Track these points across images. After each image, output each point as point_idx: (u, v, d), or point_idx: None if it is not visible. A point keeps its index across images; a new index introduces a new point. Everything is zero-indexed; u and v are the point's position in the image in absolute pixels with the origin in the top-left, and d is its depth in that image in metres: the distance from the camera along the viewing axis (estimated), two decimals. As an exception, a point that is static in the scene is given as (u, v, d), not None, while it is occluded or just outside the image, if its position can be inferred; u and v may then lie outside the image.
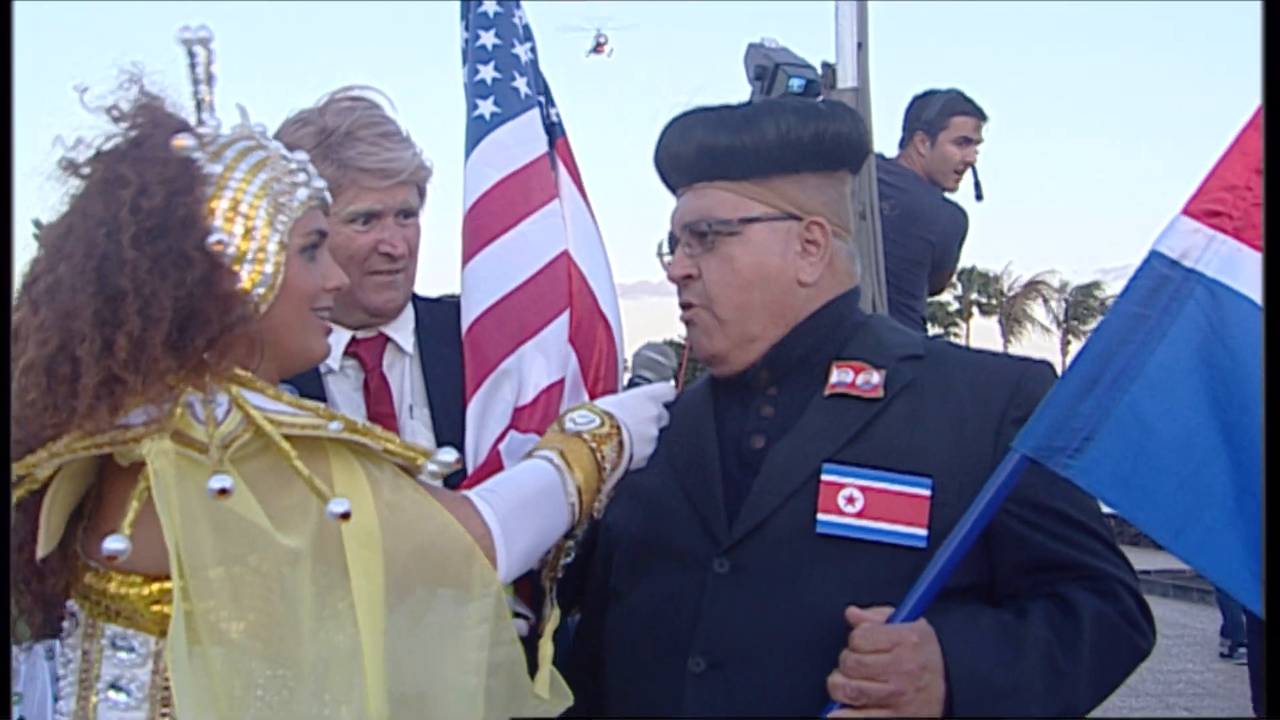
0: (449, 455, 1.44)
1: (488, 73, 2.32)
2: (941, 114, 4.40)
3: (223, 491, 1.25)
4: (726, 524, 1.72)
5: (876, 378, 1.76)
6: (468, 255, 2.23)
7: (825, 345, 1.81)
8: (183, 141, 1.42)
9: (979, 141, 4.47)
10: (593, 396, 2.19)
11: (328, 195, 1.59)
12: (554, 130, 2.37)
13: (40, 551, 1.36)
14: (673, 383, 1.83)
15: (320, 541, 1.32)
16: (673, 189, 1.90)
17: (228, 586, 1.27)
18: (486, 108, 2.29)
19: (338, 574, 1.33)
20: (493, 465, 2.04)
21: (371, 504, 1.36)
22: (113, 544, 1.26)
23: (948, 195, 4.50)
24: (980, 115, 4.47)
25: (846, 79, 3.17)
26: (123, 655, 1.37)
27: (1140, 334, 1.57)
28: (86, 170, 1.41)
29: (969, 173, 4.47)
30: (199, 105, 1.48)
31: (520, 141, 2.29)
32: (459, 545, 1.42)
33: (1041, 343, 52.10)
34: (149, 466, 1.28)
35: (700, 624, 1.68)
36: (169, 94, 1.46)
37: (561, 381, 2.18)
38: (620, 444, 1.69)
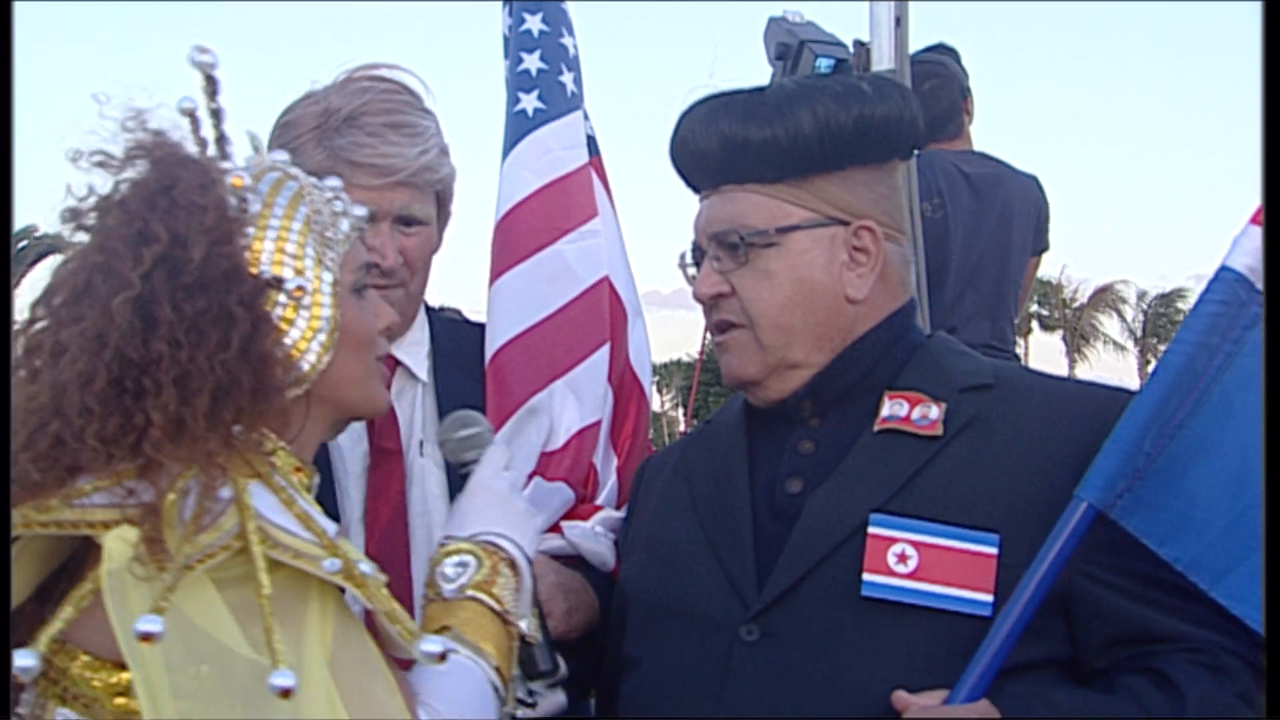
0: (433, 647, 1.40)
1: (532, 63, 2.30)
2: (957, 102, 4.29)
3: (146, 637, 1.22)
4: (756, 584, 1.68)
5: (935, 412, 1.70)
6: (496, 272, 2.21)
7: (877, 372, 1.76)
8: (241, 180, 1.41)
9: None
10: (622, 457, 2.18)
11: (365, 225, 1.58)
12: (591, 144, 2.34)
13: None
14: (499, 446, 1.83)
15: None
16: (694, 188, 1.84)
17: (194, 692, 1.26)
18: (529, 102, 2.27)
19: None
20: None
21: (334, 687, 1.32)
22: (21, 660, 1.24)
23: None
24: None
25: (882, 60, 3.11)
26: None
27: (1211, 366, 1.57)
28: (96, 221, 1.39)
29: None
30: (220, 140, 1.46)
31: (564, 145, 2.26)
32: None
33: (1114, 362, 51.78)
34: (103, 566, 1.26)
35: (724, 702, 1.64)
36: (172, 128, 1.44)
37: (597, 425, 2.16)
38: (512, 565, 1.65)
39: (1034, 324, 53.67)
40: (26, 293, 1.43)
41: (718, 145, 1.74)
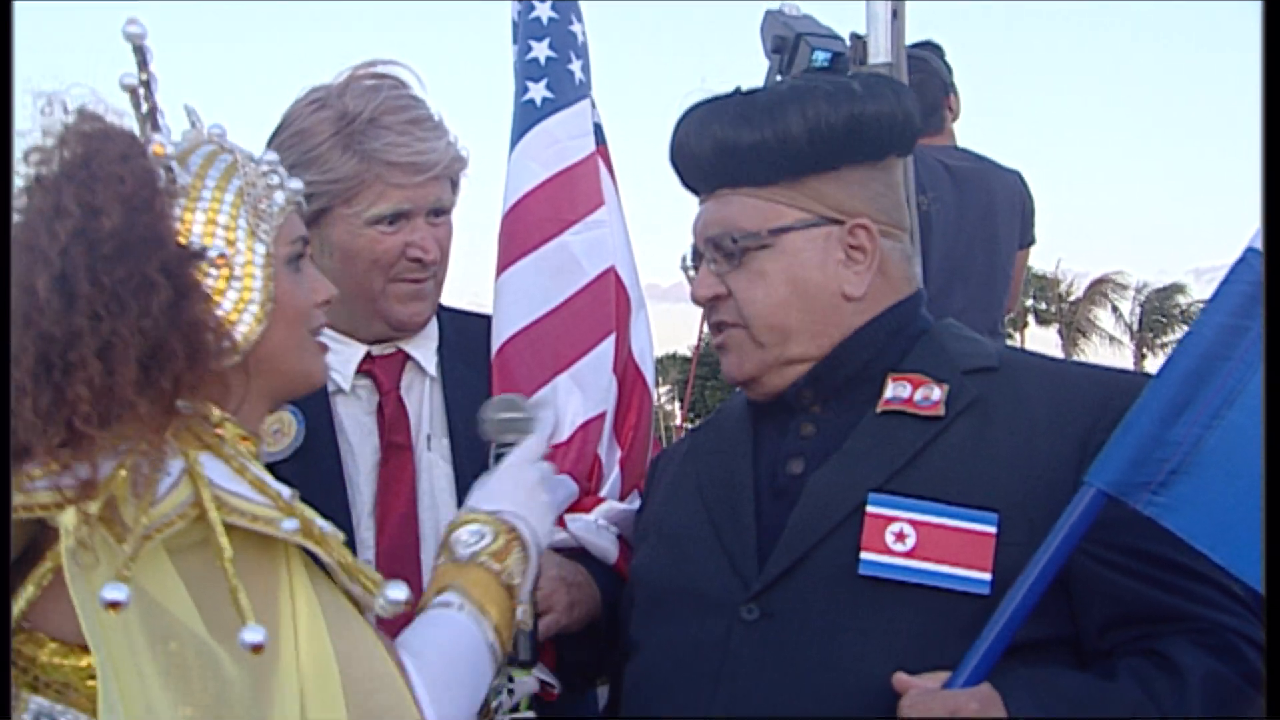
0: (399, 593, 1.44)
1: (541, 51, 2.30)
2: (938, 98, 4.37)
3: (113, 605, 1.23)
4: (757, 564, 1.71)
5: (937, 393, 1.73)
6: (503, 264, 2.24)
7: (880, 359, 1.79)
8: (162, 148, 1.43)
9: None
10: (625, 448, 2.21)
11: (303, 200, 1.61)
12: (598, 133, 2.36)
13: None
14: (539, 435, 1.86)
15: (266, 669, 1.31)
16: (693, 191, 1.88)
17: (165, 669, 1.27)
18: (538, 91, 2.29)
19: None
20: None
21: (326, 634, 1.35)
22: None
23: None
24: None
25: (879, 53, 3.14)
26: None
27: (1239, 349, 1.54)
28: (21, 203, 1.41)
29: None
30: (151, 112, 1.48)
31: (571, 135, 2.28)
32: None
33: (1110, 356, 51.65)
34: (62, 542, 1.27)
35: (724, 680, 1.67)
36: (103, 105, 1.46)
37: (602, 416, 2.18)
38: (523, 546, 1.69)
39: (1030, 318, 53.66)
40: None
41: (710, 150, 1.77)
